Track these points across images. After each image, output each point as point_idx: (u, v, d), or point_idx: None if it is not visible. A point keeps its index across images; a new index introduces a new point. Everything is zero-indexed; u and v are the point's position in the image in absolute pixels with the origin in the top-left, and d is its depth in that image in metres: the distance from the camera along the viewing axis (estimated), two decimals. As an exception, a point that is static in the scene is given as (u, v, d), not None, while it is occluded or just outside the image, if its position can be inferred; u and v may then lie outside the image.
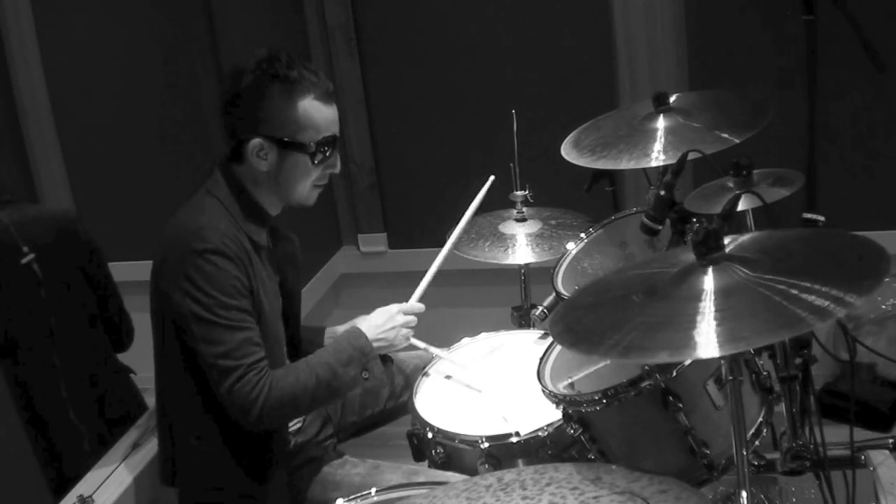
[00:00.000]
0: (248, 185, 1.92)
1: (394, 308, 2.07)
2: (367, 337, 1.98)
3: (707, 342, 1.22)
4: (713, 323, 1.25)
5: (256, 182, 1.92)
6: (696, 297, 1.31)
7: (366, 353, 1.96)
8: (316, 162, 1.90)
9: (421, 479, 1.91)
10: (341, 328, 2.19)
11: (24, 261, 2.16)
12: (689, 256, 1.39)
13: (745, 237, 1.47)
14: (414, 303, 2.12)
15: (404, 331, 2.06)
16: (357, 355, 1.95)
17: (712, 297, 1.30)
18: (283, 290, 2.05)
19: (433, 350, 2.17)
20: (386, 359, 2.05)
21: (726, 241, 1.40)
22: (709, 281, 1.33)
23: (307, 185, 1.93)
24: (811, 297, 1.22)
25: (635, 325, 1.31)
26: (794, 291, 1.25)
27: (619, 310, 1.40)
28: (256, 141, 1.86)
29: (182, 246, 1.82)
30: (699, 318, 1.26)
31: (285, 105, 1.85)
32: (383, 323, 2.03)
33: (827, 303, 1.21)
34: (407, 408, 2.07)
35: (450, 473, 1.89)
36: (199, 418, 1.91)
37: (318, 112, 1.87)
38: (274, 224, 2.02)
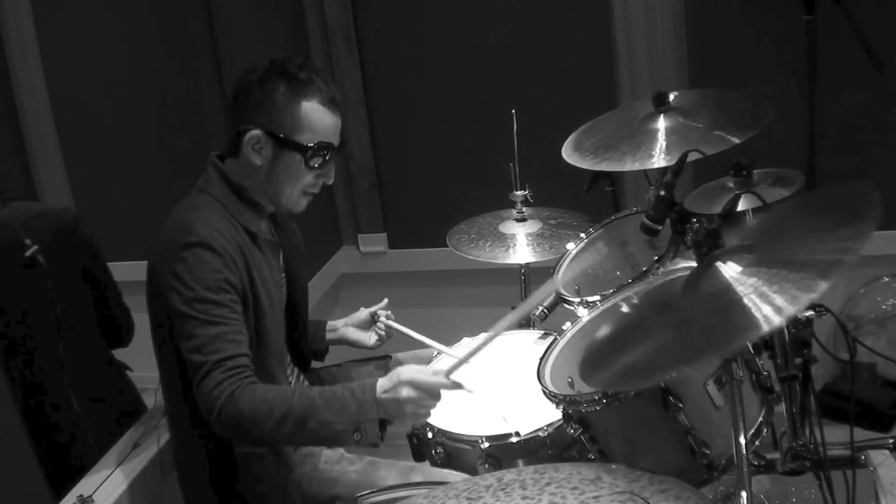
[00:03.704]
0: (241, 180, 1.92)
1: (439, 389, 1.77)
2: (377, 396, 1.74)
3: (768, 312, 1.22)
4: (758, 300, 1.26)
5: (248, 177, 1.91)
6: (725, 287, 1.33)
7: (365, 412, 1.73)
8: (309, 165, 1.89)
9: (417, 477, 1.90)
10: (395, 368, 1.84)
11: (28, 253, 2.15)
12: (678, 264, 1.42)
13: (739, 231, 1.49)
14: (461, 388, 1.81)
15: (423, 411, 1.79)
16: (354, 408, 1.72)
17: (740, 283, 1.32)
18: (289, 282, 2.04)
19: (413, 334, 2.16)
20: (384, 422, 1.78)
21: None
22: (727, 271, 1.36)
23: (298, 188, 1.92)
24: (821, 256, 1.25)
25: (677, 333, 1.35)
26: (803, 255, 1.28)
27: (653, 336, 1.43)
28: (254, 133, 1.86)
29: (170, 241, 1.82)
30: (745, 300, 1.27)
31: (288, 103, 1.85)
32: (418, 398, 1.75)
33: (835, 256, 1.23)
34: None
35: (447, 471, 1.89)
36: (198, 416, 1.90)
37: (319, 116, 1.87)
38: (274, 215, 2.02)
